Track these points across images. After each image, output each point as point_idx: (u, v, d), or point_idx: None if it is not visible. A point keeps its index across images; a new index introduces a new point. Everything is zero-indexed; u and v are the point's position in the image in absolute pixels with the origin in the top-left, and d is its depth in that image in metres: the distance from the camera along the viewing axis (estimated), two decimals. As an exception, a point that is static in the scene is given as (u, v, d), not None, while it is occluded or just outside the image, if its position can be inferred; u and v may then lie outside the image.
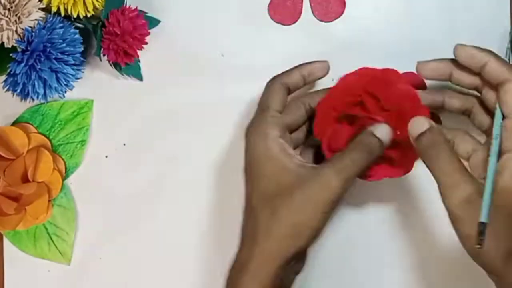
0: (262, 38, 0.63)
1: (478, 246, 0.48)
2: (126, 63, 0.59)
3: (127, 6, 0.58)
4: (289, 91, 0.56)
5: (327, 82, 0.63)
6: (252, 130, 0.54)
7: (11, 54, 0.53)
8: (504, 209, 0.48)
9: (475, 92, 0.55)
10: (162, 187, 0.64)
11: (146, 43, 0.59)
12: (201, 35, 0.63)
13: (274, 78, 0.56)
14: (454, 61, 0.54)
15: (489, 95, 0.53)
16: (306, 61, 0.58)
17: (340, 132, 0.56)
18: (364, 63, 0.62)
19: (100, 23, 0.57)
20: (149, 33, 0.59)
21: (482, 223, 0.47)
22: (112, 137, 0.64)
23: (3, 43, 0.52)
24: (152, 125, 0.64)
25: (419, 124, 0.51)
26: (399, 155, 0.56)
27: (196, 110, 0.63)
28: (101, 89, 0.63)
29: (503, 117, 0.51)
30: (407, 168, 0.57)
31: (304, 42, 0.63)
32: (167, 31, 0.63)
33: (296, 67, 0.57)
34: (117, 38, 0.57)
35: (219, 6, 0.63)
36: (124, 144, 0.64)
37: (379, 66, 0.62)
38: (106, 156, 0.64)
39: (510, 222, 0.48)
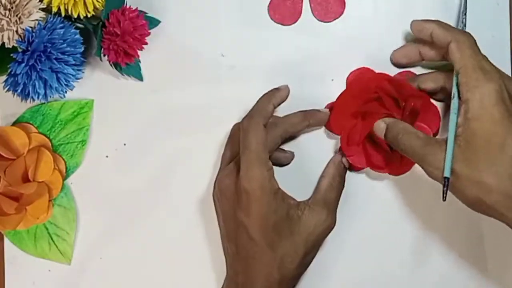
0: (262, 38, 0.63)
1: (444, 199, 0.53)
2: (126, 63, 0.59)
3: (127, 6, 0.58)
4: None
5: (327, 82, 0.63)
6: (253, 187, 0.55)
7: (11, 54, 0.53)
8: (482, 155, 0.52)
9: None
10: (163, 187, 0.64)
11: (146, 43, 0.59)
12: (201, 35, 0.63)
13: (254, 118, 0.57)
14: (418, 41, 0.60)
15: None
16: (273, 88, 0.61)
17: (356, 128, 0.61)
18: (364, 63, 0.62)
19: (101, 23, 0.57)
20: (149, 33, 0.59)
21: (445, 177, 0.52)
22: (112, 137, 0.64)
23: (3, 43, 0.52)
24: (152, 125, 0.64)
25: (378, 128, 0.59)
26: None
27: (197, 110, 0.63)
28: (101, 89, 0.63)
29: (456, 74, 0.55)
30: None
31: (304, 42, 0.63)
32: (167, 31, 0.63)
33: (267, 97, 0.60)
34: (117, 38, 0.57)
35: (219, 6, 0.63)
36: (125, 144, 0.64)
37: (379, 66, 0.62)
38: (107, 156, 0.64)
39: (495, 169, 0.51)
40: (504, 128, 0.51)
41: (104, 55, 0.58)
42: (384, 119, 0.59)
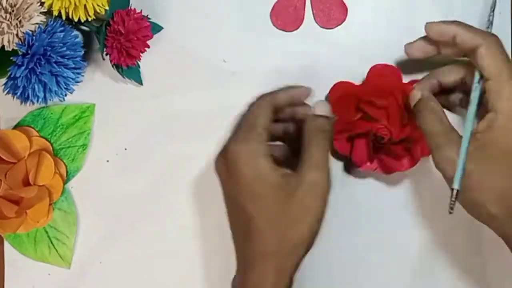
0: (264, 44, 0.63)
1: (450, 211, 0.52)
2: (127, 65, 0.59)
3: (132, 8, 0.58)
4: (275, 111, 0.56)
5: (329, 88, 0.63)
6: (241, 149, 0.53)
7: (11, 58, 0.53)
8: (498, 166, 0.52)
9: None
10: (163, 192, 0.64)
11: (149, 46, 0.59)
12: (203, 41, 0.63)
13: (261, 96, 0.56)
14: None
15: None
16: (292, 84, 0.58)
17: (358, 146, 0.61)
18: (364, 68, 0.62)
19: (105, 22, 0.58)
20: (152, 36, 0.59)
21: (454, 189, 0.52)
22: (113, 141, 0.64)
23: (3, 46, 0.52)
24: (153, 130, 0.64)
25: (413, 96, 0.57)
26: (404, 150, 0.60)
27: (198, 116, 0.63)
28: (102, 94, 0.63)
29: (485, 79, 0.53)
30: (413, 161, 0.61)
31: (306, 48, 0.63)
32: (169, 36, 0.63)
33: (282, 89, 0.57)
34: (121, 37, 0.57)
35: (222, 12, 0.63)
36: (125, 149, 0.64)
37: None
38: (107, 161, 0.64)
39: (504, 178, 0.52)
40: None
41: (107, 54, 0.58)
42: (422, 88, 0.58)
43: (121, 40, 0.57)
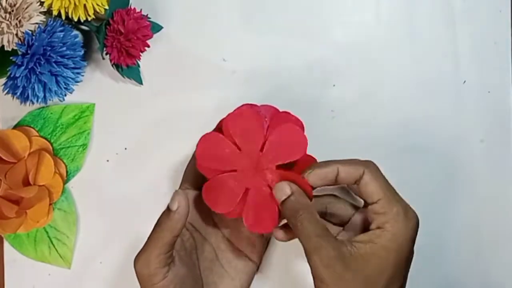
0: (264, 44, 0.63)
1: None
2: (127, 65, 0.59)
3: (132, 7, 0.58)
4: None
5: (329, 87, 0.63)
6: None
7: (11, 57, 0.53)
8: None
9: None
10: (163, 191, 0.64)
11: (149, 46, 0.59)
12: (203, 41, 0.63)
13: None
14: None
15: None
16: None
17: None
18: (365, 68, 0.62)
19: (105, 21, 0.58)
20: (152, 35, 0.59)
21: None
22: (113, 141, 0.64)
23: (3, 46, 0.53)
24: (153, 129, 0.64)
25: (281, 190, 0.52)
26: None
27: (198, 115, 0.63)
28: (102, 93, 0.63)
29: (370, 203, 0.52)
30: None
31: (305, 47, 0.63)
32: (169, 36, 0.63)
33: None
34: (121, 37, 0.57)
35: (221, 11, 0.63)
36: (125, 148, 0.64)
37: (380, 71, 0.62)
38: (107, 160, 0.64)
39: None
40: (401, 270, 0.51)
41: (107, 54, 0.58)
42: (291, 184, 0.52)
43: (121, 39, 0.57)
